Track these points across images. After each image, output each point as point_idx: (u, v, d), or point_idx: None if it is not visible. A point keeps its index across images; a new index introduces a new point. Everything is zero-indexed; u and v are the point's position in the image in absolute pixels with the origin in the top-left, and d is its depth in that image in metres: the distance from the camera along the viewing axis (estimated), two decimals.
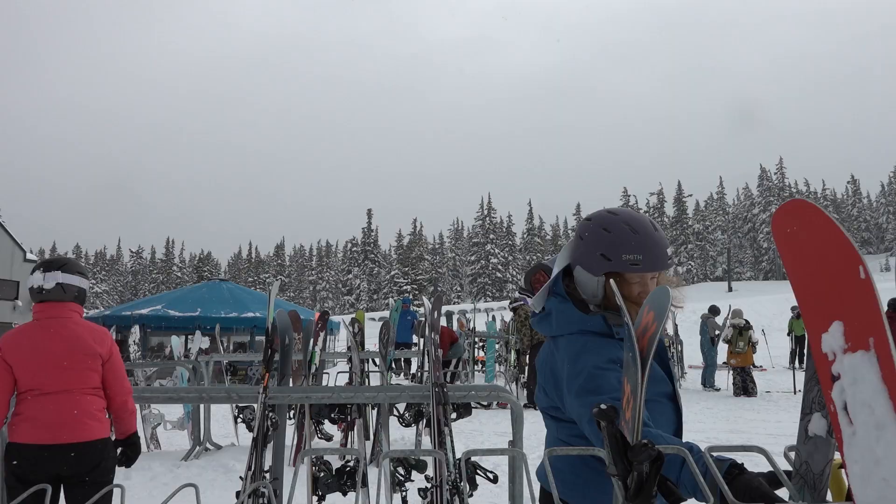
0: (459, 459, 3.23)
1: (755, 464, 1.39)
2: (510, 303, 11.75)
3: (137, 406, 7.46)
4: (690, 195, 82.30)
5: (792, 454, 1.27)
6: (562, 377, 1.71)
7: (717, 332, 12.80)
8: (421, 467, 3.67)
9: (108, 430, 2.98)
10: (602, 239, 1.70)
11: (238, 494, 3.42)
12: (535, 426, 8.54)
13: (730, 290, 51.17)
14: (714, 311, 13.54)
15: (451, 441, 3.46)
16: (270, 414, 3.41)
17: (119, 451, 3.09)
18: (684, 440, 1.60)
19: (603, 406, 1.04)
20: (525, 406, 9.92)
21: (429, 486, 3.36)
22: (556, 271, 1.83)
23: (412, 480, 3.64)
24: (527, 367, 10.88)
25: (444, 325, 11.13)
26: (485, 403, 9.77)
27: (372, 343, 10.83)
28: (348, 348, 7.93)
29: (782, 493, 1.22)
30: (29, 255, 35.39)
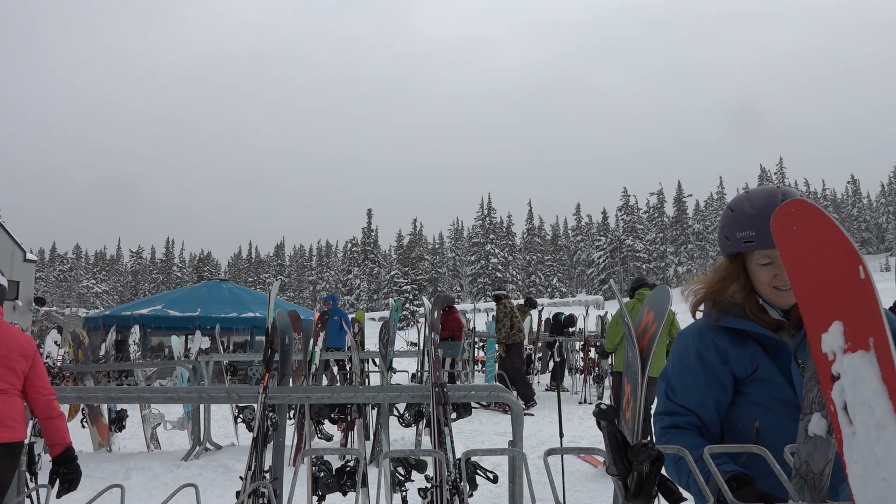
0: (459, 459, 3.23)
1: None
2: (494, 290, 11.59)
3: (137, 406, 7.51)
4: (690, 195, 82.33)
5: (792, 454, 1.26)
6: None
7: None
8: (421, 467, 3.67)
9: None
10: (726, 218, 1.66)
11: (238, 494, 3.42)
12: (535, 426, 8.55)
13: None
14: None
15: (451, 441, 3.46)
16: (270, 414, 3.41)
17: (57, 473, 2.89)
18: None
19: (602, 406, 1.04)
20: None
21: (429, 486, 3.36)
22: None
23: (412, 480, 3.63)
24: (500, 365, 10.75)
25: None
26: (485, 403, 9.77)
27: (372, 343, 10.84)
28: (348, 348, 7.92)
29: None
30: (29, 255, 35.36)
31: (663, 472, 1.03)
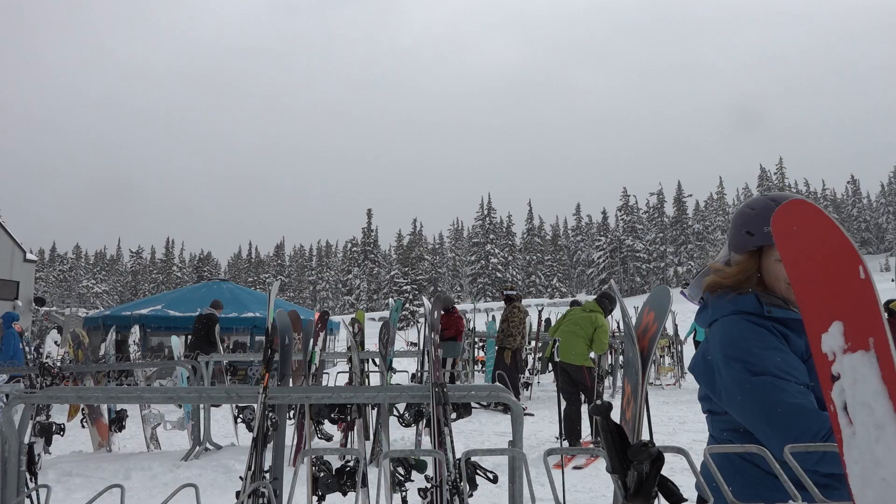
0: (459, 459, 3.22)
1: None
2: (504, 292, 11.51)
3: (137, 406, 7.50)
4: (690, 195, 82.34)
5: (791, 454, 1.26)
6: (715, 361, 1.66)
7: None
8: (421, 467, 3.67)
9: None
10: (747, 217, 1.71)
11: (238, 494, 3.42)
12: (535, 426, 8.55)
13: None
14: None
15: (451, 441, 3.46)
16: (270, 414, 3.41)
17: None
18: (682, 441, 1.60)
19: (598, 401, 1.04)
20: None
21: (429, 486, 3.36)
22: (720, 261, 1.83)
23: (412, 480, 3.63)
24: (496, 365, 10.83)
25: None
26: (485, 403, 9.77)
27: (372, 343, 10.82)
28: (348, 348, 7.92)
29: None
30: (29, 255, 35.34)
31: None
